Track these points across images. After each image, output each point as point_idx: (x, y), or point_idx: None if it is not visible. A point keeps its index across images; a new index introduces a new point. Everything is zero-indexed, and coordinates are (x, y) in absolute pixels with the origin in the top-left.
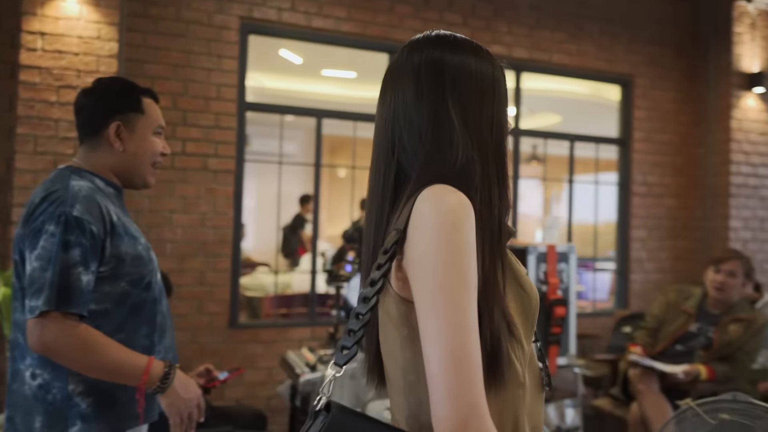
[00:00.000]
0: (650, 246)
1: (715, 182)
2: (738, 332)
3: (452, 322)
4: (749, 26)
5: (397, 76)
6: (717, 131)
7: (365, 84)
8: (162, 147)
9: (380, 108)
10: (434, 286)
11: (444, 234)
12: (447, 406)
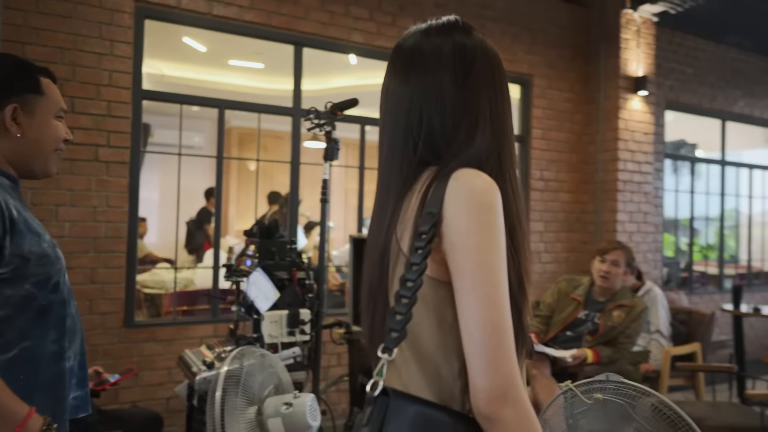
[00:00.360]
0: (547, 238)
1: (604, 178)
2: (620, 318)
3: (493, 299)
4: (635, 33)
5: (425, 60)
6: (606, 130)
7: (273, 76)
8: (65, 132)
9: (399, 89)
10: (476, 265)
11: (483, 216)
12: (489, 377)
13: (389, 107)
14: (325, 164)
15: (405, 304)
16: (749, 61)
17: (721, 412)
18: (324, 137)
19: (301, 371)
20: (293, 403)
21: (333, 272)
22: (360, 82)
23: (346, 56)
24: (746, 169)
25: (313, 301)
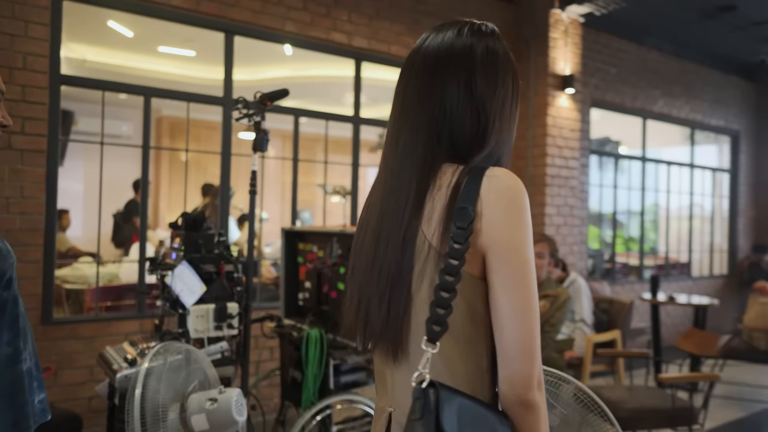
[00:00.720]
0: None
1: (534, 173)
2: (545, 307)
3: (532, 293)
4: (563, 33)
5: (457, 59)
6: (536, 126)
7: (204, 64)
8: (1, 117)
9: (427, 85)
10: (521, 261)
11: (523, 215)
12: (530, 365)
13: (413, 101)
14: (254, 155)
15: (446, 298)
16: (668, 62)
17: (637, 395)
18: (253, 128)
19: (229, 366)
20: (218, 399)
21: (268, 265)
22: (295, 73)
23: (281, 46)
24: (665, 166)
25: (241, 294)
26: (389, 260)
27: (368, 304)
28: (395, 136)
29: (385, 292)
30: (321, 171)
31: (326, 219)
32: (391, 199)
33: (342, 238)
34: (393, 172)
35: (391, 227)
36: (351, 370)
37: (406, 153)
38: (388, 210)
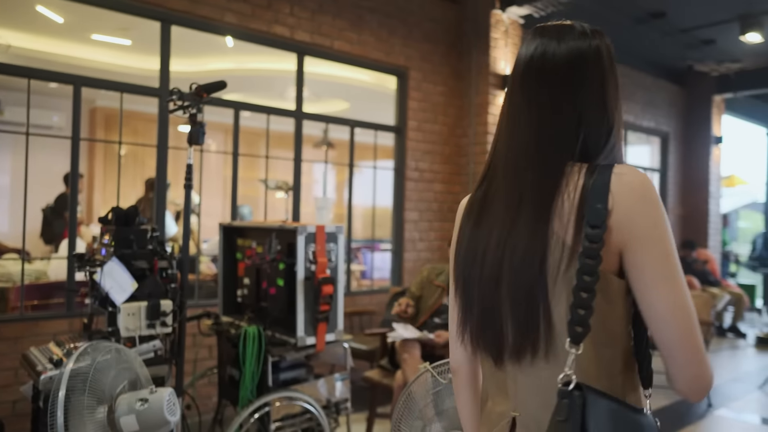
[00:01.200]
0: (421, 227)
1: (475, 170)
2: None
3: (683, 286)
4: (503, 33)
5: (590, 66)
6: (477, 124)
7: (140, 54)
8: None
9: (559, 92)
10: (667, 255)
11: (660, 208)
12: (701, 364)
13: (545, 107)
14: (189, 148)
15: (586, 298)
16: None
17: None
18: (188, 120)
19: (163, 365)
20: (149, 399)
21: (207, 262)
22: (237, 66)
23: (222, 38)
24: None
25: (176, 291)
26: (520, 264)
27: (495, 311)
28: (524, 140)
29: (520, 297)
30: (264, 166)
31: (268, 215)
32: (521, 201)
33: (281, 234)
34: (519, 173)
35: (522, 230)
36: (290, 367)
37: (536, 155)
38: (516, 213)
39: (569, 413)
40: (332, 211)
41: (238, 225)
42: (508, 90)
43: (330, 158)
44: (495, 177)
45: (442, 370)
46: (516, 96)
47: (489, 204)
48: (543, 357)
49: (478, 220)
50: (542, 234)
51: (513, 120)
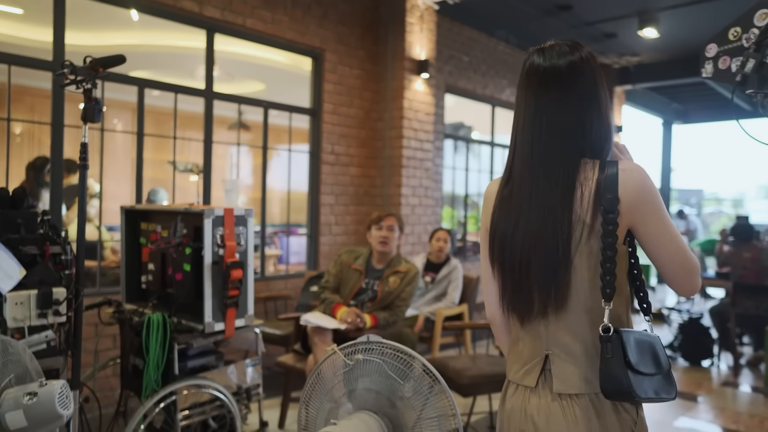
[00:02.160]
0: (337, 211)
1: (391, 154)
2: (396, 283)
3: (678, 236)
4: (419, 18)
5: (586, 77)
6: (393, 109)
7: (34, 24)
8: None
9: (564, 98)
10: (669, 224)
11: (657, 193)
12: (695, 278)
13: (553, 110)
14: (84, 126)
15: (610, 267)
16: (514, 54)
17: (479, 363)
18: (83, 96)
19: (58, 357)
20: (38, 393)
21: (112, 247)
22: (143, 42)
23: (128, 11)
24: None
25: (70, 278)
26: (552, 237)
27: (524, 282)
28: (538, 138)
29: (552, 265)
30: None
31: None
32: (547, 186)
33: (187, 217)
34: (543, 165)
35: (551, 212)
36: (199, 355)
37: (554, 151)
38: (547, 196)
39: (614, 350)
40: (246, 195)
41: (141, 208)
42: (520, 97)
43: (246, 141)
44: (521, 168)
45: (350, 351)
46: (529, 102)
47: (519, 191)
48: (567, 311)
49: (510, 206)
50: (567, 215)
51: (529, 121)
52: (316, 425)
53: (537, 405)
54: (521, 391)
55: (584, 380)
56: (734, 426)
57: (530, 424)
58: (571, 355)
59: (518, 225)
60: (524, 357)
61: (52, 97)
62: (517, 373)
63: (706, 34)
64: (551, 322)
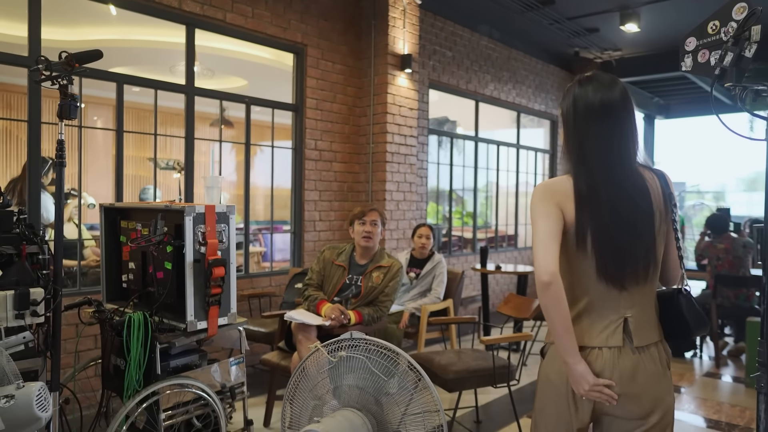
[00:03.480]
0: (321, 207)
1: (375, 150)
2: (379, 278)
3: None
4: (401, 13)
5: (627, 104)
6: (376, 104)
7: (6, 20)
8: None
9: (626, 120)
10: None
11: None
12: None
13: (617, 128)
14: (60, 123)
15: (679, 247)
16: (497, 49)
17: (464, 357)
18: (59, 92)
19: (36, 358)
20: (15, 395)
21: (93, 246)
22: (122, 37)
23: (106, 6)
24: (495, 146)
25: (48, 278)
26: (643, 225)
27: (625, 257)
28: (617, 151)
29: (644, 244)
30: (160, 144)
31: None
32: (634, 184)
33: (168, 215)
34: (625, 170)
35: (641, 201)
36: (182, 354)
37: (630, 160)
38: (633, 193)
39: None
40: (229, 192)
41: (121, 206)
42: (573, 120)
43: (229, 137)
44: (605, 174)
45: (334, 348)
46: (589, 126)
47: (606, 190)
48: (648, 281)
49: (599, 202)
50: (651, 208)
51: (593, 143)
52: (300, 423)
53: (627, 358)
54: (607, 353)
55: (654, 332)
56: (716, 416)
57: (623, 373)
58: (643, 315)
59: (613, 215)
60: (601, 323)
61: (28, 94)
62: (598, 337)
63: (687, 28)
64: (637, 290)
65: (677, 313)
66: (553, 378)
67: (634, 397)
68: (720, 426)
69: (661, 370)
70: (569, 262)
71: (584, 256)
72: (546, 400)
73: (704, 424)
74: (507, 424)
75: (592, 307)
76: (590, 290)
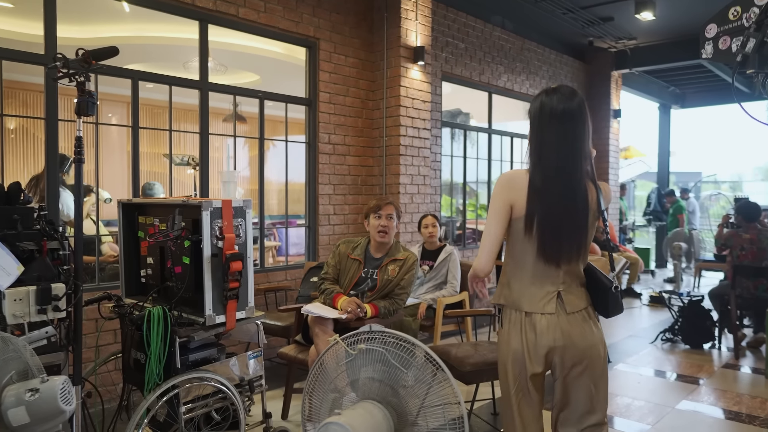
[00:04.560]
0: (335, 201)
1: (388, 143)
2: (395, 271)
3: None
4: (413, 5)
5: (583, 115)
6: (389, 97)
7: (25, 19)
8: None
9: (582, 125)
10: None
11: None
12: None
13: (570, 135)
14: (78, 120)
15: (603, 236)
16: (510, 40)
17: (480, 350)
18: (76, 89)
19: (59, 352)
20: (40, 389)
21: (111, 243)
22: (137, 34)
23: (120, 3)
24: (509, 138)
25: (69, 273)
26: (578, 216)
27: (562, 241)
28: (566, 154)
29: (578, 232)
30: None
31: (176, 191)
32: (579, 182)
33: (185, 210)
34: (574, 168)
35: (581, 197)
36: (200, 347)
37: (580, 161)
38: (578, 189)
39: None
40: (243, 187)
41: (138, 202)
42: (538, 122)
43: (242, 133)
44: (551, 169)
45: (353, 341)
46: (549, 129)
47: (554, 184)
48: (578, 261)
49: (546, 194)
50: (587, 204)
51: (551, 143)
52: (320, 415)
53: (563, 320)
54: (546, 317)
55: (582, 301)
56: (736, 408)
57: (560, 332)
58: (573, 288)
59: (557, 206)
60: (540, 294)
61: (45, 92)
62: (537, 304)
63: (703, 15)
64: (568, 268)
65: (603, 300)
66: (513, 342)
67: (571, 346)
68: (740, 418)
69: (588, 327)
70: (515, 244)
71: (529, 239)
72: (509, 354)
73: (723, 416)
74: None
75: (533, 281)
76: (532, 267)
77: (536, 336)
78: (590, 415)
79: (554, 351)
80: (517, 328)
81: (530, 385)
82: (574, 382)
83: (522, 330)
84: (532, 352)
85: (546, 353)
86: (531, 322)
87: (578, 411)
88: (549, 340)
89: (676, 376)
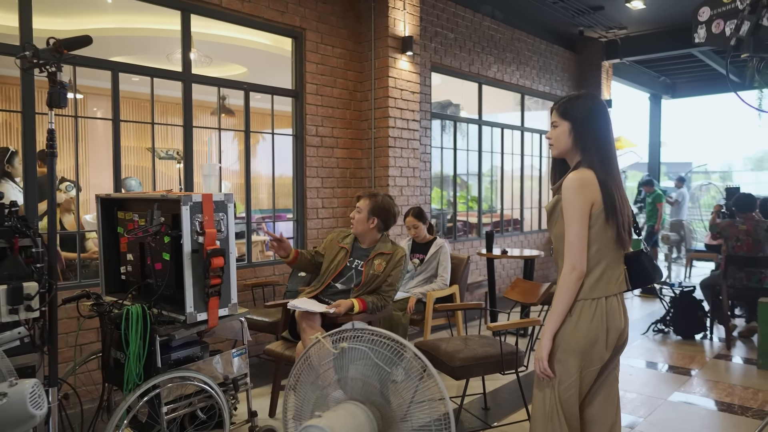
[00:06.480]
0: (324, 194)
1: (377, 135)
2: (381, 266)
3: None
4: None
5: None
6: (378, 88)
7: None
8: None
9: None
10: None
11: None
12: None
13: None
14: (50, 112)
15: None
16: (500, 30)
17: (471, 344)
18: (48, 80)
19: (32, 354)
20: (8, 393)
21: (94, 238)
22: (119, 25)
23: None
24: (499, 129)
25: (41, 272)
26: (627, 201)
27: (626, 218)
28: (612, 143)
29: (629, 209)
30: (158, 134)
31: (161, 185)
32: (617, 171)
33: (164, 204)
34: (614, 156)
35: (622, 186)
36: (183, 346)
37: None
38: (619, 179)
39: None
40: (230, 181)
41: (117, 197)
42: (595, 117)
43: (230, 126)
44: (608, 160)
45: (337, 338)
46: (606, 123)
47: (610, 174)
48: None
49: (611, 185)
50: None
51: (607, 137)
52: (303, 414)
53: (621, 300)
54: (617, 298)
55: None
56: (728, 398)
57: (623, 312)
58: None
59: (618, 192)
60: (616, 275)
61: (21, 84)
62: (614, 286)
63: (694, 3)
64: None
65: (642, 267)
66: (595, 326)
67: (627, 326)
68: (732, 409)
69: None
70: (598, 238)
71: (608, 228)
72: (587, 343)
73: (716, 407)
74: (515, 410)
75: (609, 266)
76: (609, 254)
77: (615, 319)
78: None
79: (622, 334)
80: (599, 314)
81: (590, 378)
82: (612, 372)
83: (603, 316)
84: (610, 337)
85: (618, 336)
86: (609, 305)
87: (614, 404)
88: (620, 321)
89: (667, 367)
